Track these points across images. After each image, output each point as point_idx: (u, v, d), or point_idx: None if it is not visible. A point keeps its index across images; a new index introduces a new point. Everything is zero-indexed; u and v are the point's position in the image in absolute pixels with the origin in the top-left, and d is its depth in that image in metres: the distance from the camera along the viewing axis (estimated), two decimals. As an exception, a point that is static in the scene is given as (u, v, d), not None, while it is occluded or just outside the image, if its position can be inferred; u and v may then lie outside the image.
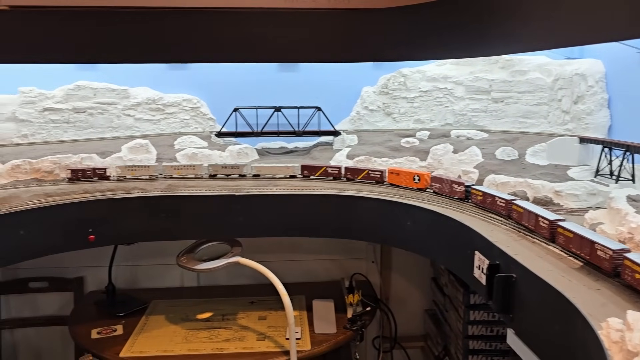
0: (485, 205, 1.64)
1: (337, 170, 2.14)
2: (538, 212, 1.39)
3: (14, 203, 1.84)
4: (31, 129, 2.36)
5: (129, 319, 2.35)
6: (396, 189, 1.98)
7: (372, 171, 2.07)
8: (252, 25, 2.20)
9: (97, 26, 2.10)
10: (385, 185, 2.04)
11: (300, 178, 2.20)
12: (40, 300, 2.77)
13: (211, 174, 2.18)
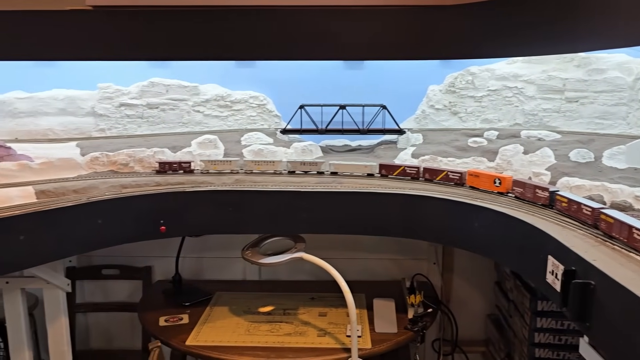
0: (570, 213, 1.55)
1: (415, 170, 2.12)
2: (633, 224, 1.25)
3: (93, 193, 1.94)
4: (108, 123, 2.48)
5: (194, 309, 2.43)
6: (476, 192, 1.92)
7: (451, 172, 2.03)
8: (323, 23, 2.22)
9: (172, 25, 2.19)
10: (465, 187, 1.99)
11: (378, 177, 2.19)
12: (111, 286, 2.92)
13: (290, 170, 2.21)
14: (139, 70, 2.58)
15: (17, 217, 1.69)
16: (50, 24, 2.10)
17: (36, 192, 1.85)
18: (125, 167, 2.15)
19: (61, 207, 1.79)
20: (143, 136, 2.45)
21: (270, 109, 2.64)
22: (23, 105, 2.47)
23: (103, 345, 2.99)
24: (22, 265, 1.79)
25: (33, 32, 2.15)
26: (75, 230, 1.83)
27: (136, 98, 2.51)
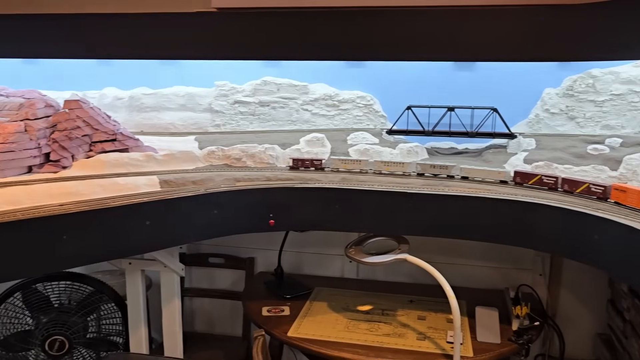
0: None
1: (553, 180, 2.01)
2: None
3: (210, 185, 2.05)
4: (223, 120, 2.62)
5: (295, 302, 2.49)
6: (623, 209, 1.77)
7: (593, 185, 1.90)
8: (436, 24, 2.19)
9: (288, 26, 2.26)
10: (608, 202, 1.84)
11: (512, 185, 2.10)
12: (216, 274, 3.07)
13: (419, 173, 2.20)
14: (252, 69, 2.69)
15: (145, 204, 1.83)
16: (177, 25, 2.25)
17: (160, 181, 1.99)
18: (238, 162, 2.26)
19: (182, 197, 1.92)
20: (254, 132, 2.55)
21: (377, 109, 2.64)
22: (149, 100, 2.67)
23: (206, 329, 3.16)
24: (147, 249, 1.94)
25: (160, 33, 2.31)
26: (193, 219, 1.95)
27: (249, 96, 2.63)
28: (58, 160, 1.98)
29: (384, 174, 2.22)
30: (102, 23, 2.36)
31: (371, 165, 2.26)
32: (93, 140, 2.12)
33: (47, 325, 2.31)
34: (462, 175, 2.17)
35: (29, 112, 2.00)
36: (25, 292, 2.31)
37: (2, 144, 1.82)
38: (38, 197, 1.73)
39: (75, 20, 2.47)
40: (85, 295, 2.37)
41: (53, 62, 3.00)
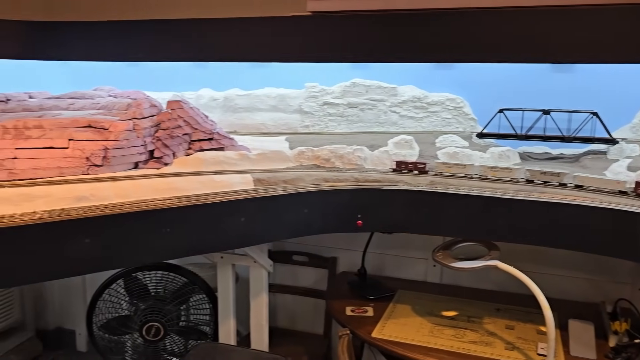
0: None
1: None
2: None
3: (300, 184, 2.10)
4: (312, 121, 2.67)
5: (378, 303, 2.50)
6: None
7: None
8: (535, 24, 2.12)
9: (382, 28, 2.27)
10: None
11: (633, 196, 1.93)
12: (299, 272, 3.13)
13: (528, 179, 2.13)
14: (342, 70, 2.73)
15: (241, 201, 1.91)
16: (272, 29, 2.33)
17: (253, 179, 2.06)
18: (327, 162, 2.30)
19: (274, 195, 1.98)
20: (343, 134, 2.59)
21: (467, 111, 2.60)
22: (241, 101, 2.78)
23: (287, 325, 3.23)
24: (241, 244, 2.02)
25: (256, 37, 2.40)
26: (285, 217, 2.01)
27: (338, 97, 2.66)
28: (161, 157, 2.11)
29: (490, 179, 2.15)
30: (201, 28, 2.49)
31: (477, 169, 2.20)
32: (192, 139, 2.24)
33: (144, 312, 2.47)
34: (576, 184, 2.05)
35: (137, 111, 2.14)
36: (126, 280, 2.48)
37: (114, 140, 1.96)
38: (144, 191, 1.85)
39: (175, 25, 2.63)
40: (180, 285, 2.50)
41: (152, 64, 3.19)
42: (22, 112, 2.39)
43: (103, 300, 2.50)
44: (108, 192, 1.79)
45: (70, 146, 1.92)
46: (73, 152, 1.91)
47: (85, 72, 3.35)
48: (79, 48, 2.84)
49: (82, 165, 1.92)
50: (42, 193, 1.72)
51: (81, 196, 1.73)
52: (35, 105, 2.47)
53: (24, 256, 1.54)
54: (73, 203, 1.70)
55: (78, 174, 1.92)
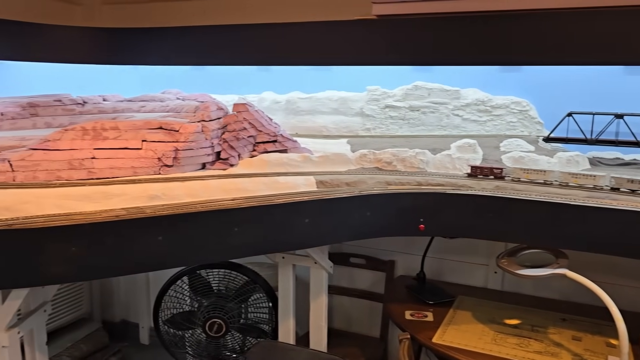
0: None
1: None
2: None
3: (362, 187, 2.11)
4: (373, 124, 2.68)
5: (438, 308, 2.47)
6: None
7: None
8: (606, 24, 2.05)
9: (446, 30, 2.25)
10: None
11: None
12: (356, 274, 3.14)
13: (613, 187, 2.02)
14: (403, 73, 2.72)
15: (305, 202, 1.94)
16: (336, 33, 2.35)
17: (316, 181, 2.09)
18: (389, 165, 2.29)
19: (337, 197, 2.00)
20: (404, 137, 2.58)
21: (533, 115, 2.53)
22: (303, 104, 2.82)
23: (344, 327, 3.24)
24: (304, 245, 2.05)
25: (319, 40, 2.43)
26: (347, 219, 2.02)
27: (400, 100, 2.66)
28: (227, 158, 2.17)
29: (571, 186, 2.06)
30: (265, 32, 2.54)
31: (557, 176, 2.11)
32: (257, 141, 2.29)
33: (207, 309, 2.54)
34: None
35: (205, 114, 2.21)
36: (191, 277, 2.56)
37: (184, 142, 2.03)
38: (212, 191, 1.91)
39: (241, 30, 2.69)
40: (241, 284, 2.56)
41: (215, 68, 3.28)
42: (97, 114, 2.52)
43: (169, 296, 2.59)
44: (179, 191, 1.85)
45: (143, 147, 2.01)
46: (146, 153, 2.00)
47: (152, 76, 3.49)
48: (150, 53, 2.96)
49: (154, 166, 2.00)
50: (119, 191, 1.80)
51: (154, 195, 1.80)
52: (109, 107, 2.60)
53: (103, 251, 1.62)
54: (147, 201, 1.78)
55: (150, 173, 2.00)
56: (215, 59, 2.92)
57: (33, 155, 1.89)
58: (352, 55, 2.38)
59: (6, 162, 1.86)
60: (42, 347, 2.01)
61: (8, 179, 1.84)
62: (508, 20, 2.21)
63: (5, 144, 2.00)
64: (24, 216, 1.59)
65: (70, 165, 1.91)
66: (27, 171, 1.86)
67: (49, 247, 1.55)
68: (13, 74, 3.10)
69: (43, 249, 1.55)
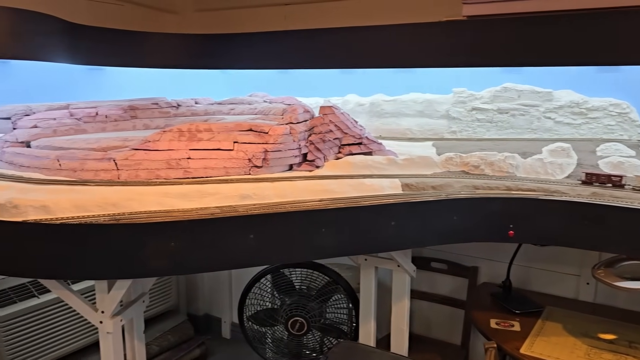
0: None
1: None
2: None
3: (449, 190, 2.08)
4: (459, 126, 2.63)
5: (525, 318, 2.38)
6: None
7: None
8: None
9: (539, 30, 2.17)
10: None
11: None
12: (436, 279, 3.09)
13: None
14: (491, 75, 2.65)
15: (391, 205, 1.93)
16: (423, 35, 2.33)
17: (402, 184, 2.08)
18: (476, 169, 2.24)
19: (424, 201, 1.98)
20: (492, 140, 2.51)
21: (633, 118, 2.38)
22: (387, 106, 2.81)
23: (422, 332, 3.20)
24: (389, 248, 2.05)
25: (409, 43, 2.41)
26: (434, 223, 2.00)
27: (487, 103, 2.59)
28: (313, 160, 2.20)
29: None
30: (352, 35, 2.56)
31: None
32: (342, 143, 2.31)
33: (290, 307, 2.60)
34: None
35: (292, 116, 2.26)
36: (274, 275, 2.63)
37: (274, 144, 2.09)
38: (300, 192, 1.95)
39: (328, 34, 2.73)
40: (323, 284, 2.59)
41: (299, 71, 3.35)
42: (190, 117, 2.65)
43: (253, 293, 2.67)
44: (268, 191, 1.91)
45: (234, 148, 2.08)
46: (237, 154, 2.07)
47: (238, 79, 3.62)
48: (238, 58, 3.07)
49: (245, 166, 2.07)
50: (212, 190, 1.88)
51: (245, 194, 1.87)
52: (201, 110, 2.72)
53: (199, 247, 1.70)
54: (239, 201, 1.85)
55: (241, 174, 2.07)
56: (299, 62, 2.97)
57: (135, 155, 2.02)
58: (439, 57, 2.34)
59: (112, 161, 1.99)
60: (140, 335, 2.14)
61: (114, 176, 1.98)
62: (604, 17, 2.09)
63: (111, 144, 2.15)
64: (129, 212, 1.70)
65: (168, 164, 2.02)
66: (130, 170, 1.99)
67: (151, 241, 1.65)
68: (112, 79, 3.31)
69: (145, 243, 1.65)
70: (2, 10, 2.00)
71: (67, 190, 1.85)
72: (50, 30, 2.27)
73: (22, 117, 2.37)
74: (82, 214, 1.67)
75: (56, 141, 2.22)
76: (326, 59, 2.73)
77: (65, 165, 2.00)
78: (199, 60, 3.07)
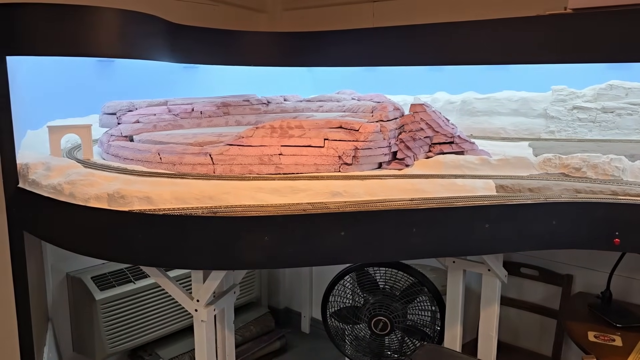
0: None
1: None
2: None
3: (547, 193, 1.97)
4: (558, 126, 2.49)
5: (627, 333, 2.22)
6: None
7: None
8: None
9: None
10: None
11: None
12: (526, 286, 2.95)
13: None
14: (594, 72, 2.49)
15: (485, 207, 1.87)
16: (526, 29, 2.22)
17: (496, 186, 2.00)
18: (577, 172, 2.11)
19: (521, 204, 1.89)
20: (594, 141, 2.36)
21: None
22: (480, 104, 2.72)
23: (509, 340, 3.07)
24: (482, 251, 1.98)
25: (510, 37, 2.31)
26: (530, 227, 1.90)
27: (590, 101, 2.43)
28: (403, 158, 2.17)
29: None
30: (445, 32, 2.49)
31: None
32: (433, 141, 2.26)
33: (373, 306, 2.58)
34: None
35: (382, 114, 2.24)
36: (359, 273, 2.62)
37: (364, 141, 2.08)
38: (390, 191, 1.93)
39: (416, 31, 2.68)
40: (408, 284, 2.55)
41: (386, 69, 3.31)
42: (280, 113, 2.69)
43: (337, 290, 2.68)
44: (358, 189, 1.90)
45: (325, 145, 2.10)
46: (327, 151, 2.08)
47: (324, 77, 3.64)
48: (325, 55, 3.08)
49: (335, 163, 2.08)
50: (304, 187, 1.90)
51: (336, 191, 1.87)
52: (290, 107, 2.76)
53: (291, 242, 1.72)
54: (329, 197, 1.85)
55: (331, 171, 2.08)
56: (387, 60, 2.94)
57: (230, 150, 2.08)
58: (539, 53, 2.22)
59: (208, 155, 2.07)
60: (230, 325, 2.21)
61: (209, 171, 2.05)
62: None
63: (206, 140, 2.23)
64: (225, 205, 1.75)
65: (260, 160, 2.06)
66: (225, 164, 2.05)
67: (245, 234, 1.70)
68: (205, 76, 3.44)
69: (240, 236, 1.70)
70: (109, 12, 2.12)
71: (167, 182, 1.94)
72: (152, 30, 2.38)
73: (126, 112, 2.51)
74: (181, 206, 1.74)
75: (156, 136, 2.33)
76: (416, 56, 2.67)
77: (165, 159, 2.10)
78: (287, 58, 3.12)
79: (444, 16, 2.67)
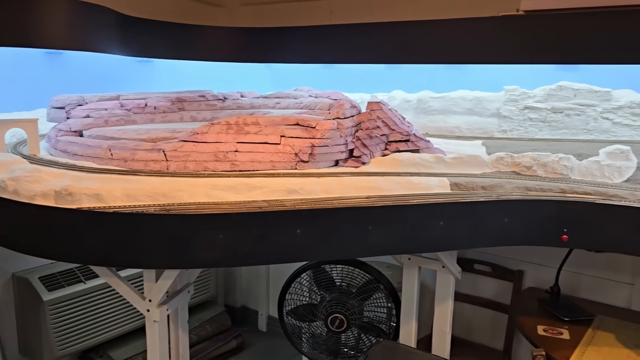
0: None
1: None
2: None
3: (500, 191, 2.01)
4: (510, 125, 2.55)
5: (574, 327, 2.30)
6: None
7: None
8: None
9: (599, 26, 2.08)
10: None
11: None
12: (479, 282, 3.02)
13: None
14: (545, 73, 2.56)
15: (439, 204, 1.89)
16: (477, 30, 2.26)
17: (450, 183, 2.03)
18: (528, 170, 2.17)
19: (473, 201, 1.93)
20: (544, 140, 2.43)
21: (699, 120, 2.26)
22: (435, 103, 2.75)
23: (463, 335, 3.13)
24: (437, 248, 2.00)
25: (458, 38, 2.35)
26: (483, 224, 1.94)
27: (541, 101, 2.50)
28: (360, 156, 2.17)
29: None
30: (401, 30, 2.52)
31: None
32: (389, 139, 2.27)
33: (330, 303, 2.58)
34: None
35: (339, 112, 2.24)
36: (315, 271, 2.62)
37: (321, 139, 2.07)
38: (347, 189, 1.92)
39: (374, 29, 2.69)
40: (364, 282, 2.56)
41: (344, 66, 3.32)
42: (236, 110, 2.65)
43: (293, 288, 2.67)
44: (315, 187, 1.89)
45: (281, 142, 2.07)
46: (284, 148, 2.06)
47: (282, 73, 3.61)
48: (283, 52, 3.06)
49: (291, 161, 2.06)
50: (260, 184, 1.88)
51: (292, 189, 1.86)
52: (246, 103, 2.73)
53: (246, 240, 1.70)
54: (286, 195, 1.84)
55: (287, 168, 2.06)
56: (345, 57, 2.95)
57: (184, 146, 2.03)
58: (493, 53, 2.27)
59: (161, 152, 2.01)
60: (184, 325, 2.17)
61: (163, 167, 2.00)
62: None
63: (160, 136, 2.17)
64: (179, 203, 1.71)
65: (215, 157, 2.02)
66: (179, 161, 2.01)
67: (200, 233, 1.66)
68: (160, 71, 3.36)
69: (194, 235, 1.66)
70: (58, 1, 2.04)
71: (118, 179, 1.87)
72: (104, 22, 2.30)
73: (76, 107, 2.42)
74: (133, 204, 1.69)
75: (107, 131, 2.26)
76: (373, 54, 2.69)
77: (117, 155, 2.03)
78: (245, 53, 3.08)
79: (400, 15, 2.69)
